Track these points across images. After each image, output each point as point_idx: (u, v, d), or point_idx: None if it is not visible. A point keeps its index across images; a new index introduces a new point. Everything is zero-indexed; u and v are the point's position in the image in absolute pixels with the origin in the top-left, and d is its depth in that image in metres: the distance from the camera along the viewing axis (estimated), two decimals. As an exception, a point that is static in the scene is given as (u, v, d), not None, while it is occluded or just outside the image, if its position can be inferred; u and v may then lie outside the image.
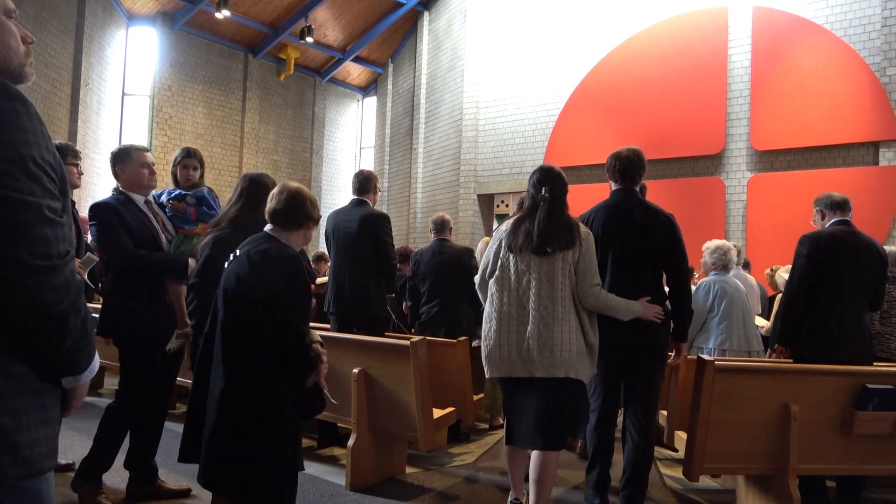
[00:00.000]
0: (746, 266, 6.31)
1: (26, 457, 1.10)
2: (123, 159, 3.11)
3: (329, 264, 4.48)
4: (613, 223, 3.11)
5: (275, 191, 2.35)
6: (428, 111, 12.65)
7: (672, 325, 3.15)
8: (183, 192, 3.42)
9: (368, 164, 15.87)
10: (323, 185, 15.44)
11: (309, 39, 12.74)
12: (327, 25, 13.50)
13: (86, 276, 3.49)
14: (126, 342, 3.03)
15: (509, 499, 3.07)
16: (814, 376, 3.01)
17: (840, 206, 3.56)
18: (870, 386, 2.94)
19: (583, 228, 2.90)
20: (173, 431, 4.52)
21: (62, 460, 3.51)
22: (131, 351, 3.02)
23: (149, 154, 3.19)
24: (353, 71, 15.64)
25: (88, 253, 3.66)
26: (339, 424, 4.03)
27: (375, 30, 13.59)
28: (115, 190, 3.16)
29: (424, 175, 12.57)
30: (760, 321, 5.26)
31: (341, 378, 3.51)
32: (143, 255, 2.98)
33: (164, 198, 3.37)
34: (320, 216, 2.48)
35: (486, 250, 4.45)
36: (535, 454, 2.82)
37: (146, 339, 3.00)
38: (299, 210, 2.32)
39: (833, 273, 3.38)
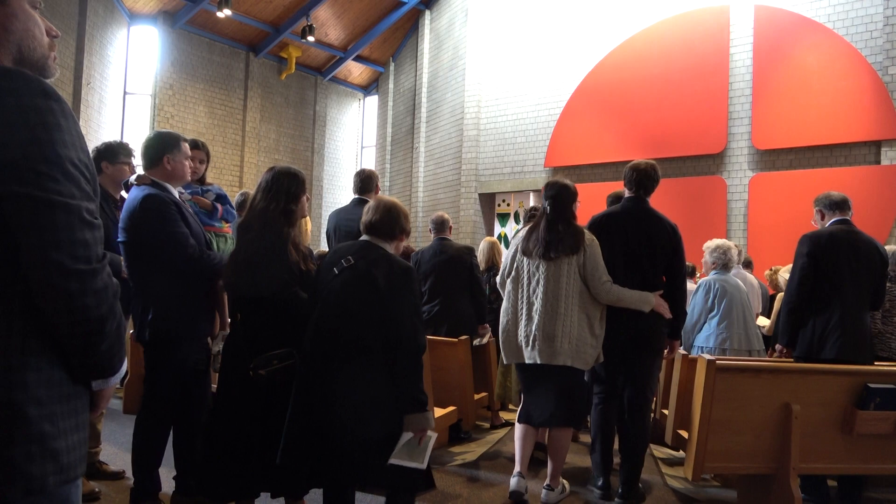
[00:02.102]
0: (749, 265, 6.30)
1: (64, 463, 1.10)
2: (173, 148, 2.82)
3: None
4: (622, 228, 3.37)
5: (371, 205, 2.51)
6: (429, 110, 12.65)
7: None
8: (203, 188, 3.33)
9: (370, 163, 15.88)
10: (324, 184, 15.45)
11: (310, 38, 12.74)
12: (328, 24, 13.51)
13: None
14: (176, 345, 2.78)
15: (514, 471, 3.28)
16: (815, 376, 3.02)
17: (839, 205, 3.56)
18: (871, 385, 2.94)
19: (587, 235, 3.24)
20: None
21: (113, 468, 3.42)
22: (176, 354, 2.79)
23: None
24: (355, 70, 15.64)
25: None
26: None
27: (377, 29, 13.58)
28: (149, 181, 2.78)
29: (426, 174, 12.57)
30: (762, 321, 5.26)
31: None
32: (212, 255, 2.81)
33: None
34: (410, 229, 2.64)
35: (487, 249, 4.72)
36: (550, 430, 3.29)
37: (198, 341, 2.86)
38: (395, 223, 2.48)
39: (833, 272, 3.39)
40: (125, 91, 12.49)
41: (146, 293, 2.78)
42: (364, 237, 2.49)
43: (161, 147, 2.81)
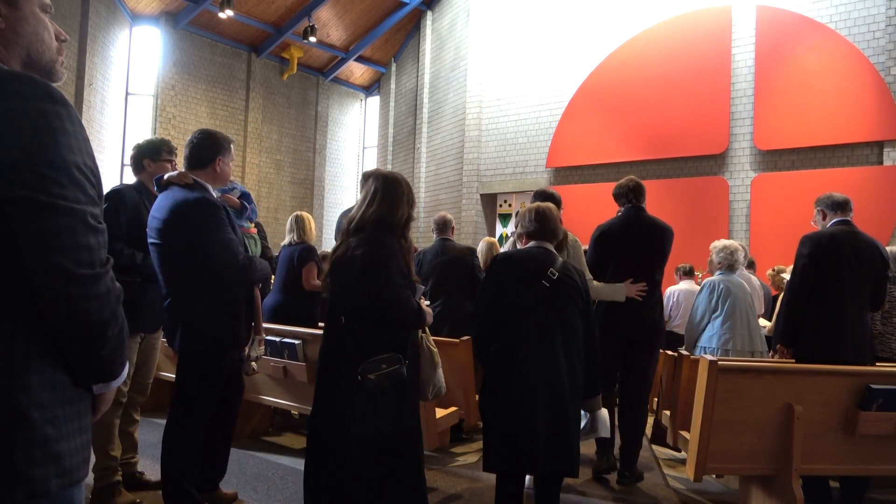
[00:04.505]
0: (751, 266, 6.30)
1: (67, 467, 1.10)
2: (225, 150, 2.77)
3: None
4: (628, 233, 3.79)
5: (529, 214, 2.83)
6: (431, 111, 12.65)
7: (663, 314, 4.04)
8: (230, 186, 3.18)
9: (371, 164, 15.89)
10: (326, 185, 15.46)
11: (312, 39, 12.76)
12: (330, 25, 13.52)
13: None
14: (218, 356, 2.74)
15: None
16: (817, 376, 3.01)
17: (841, 206, 3.56)
18: (873, 386, 2.93)
19: (570, 237, 3.59)
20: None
21: (151, 478, 3.35)
22: (218, 364, 2.75)
23: None
24: (356, 70, 15.65)
25: None
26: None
27: (378, 29, 13.59)
28: (191, 181, 2.68)
29: (427, 175, 12.57)
30: (763, 322, 5.25)
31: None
32: (256, 262, 2.74)
33: None
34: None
35: (486, 250, 4.82)
36: None
37: (238, 350, 2.82)
38: (557, 226, 2.86)
39: (834, 273, 3.38)
40: (127, 92, 12.51)
41: (185, 301, 2.68)
42: (532, 243, 2.80)
43: (215, 148, 2.73)
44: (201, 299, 2.66)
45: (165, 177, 2.76)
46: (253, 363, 3.05)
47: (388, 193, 2.52)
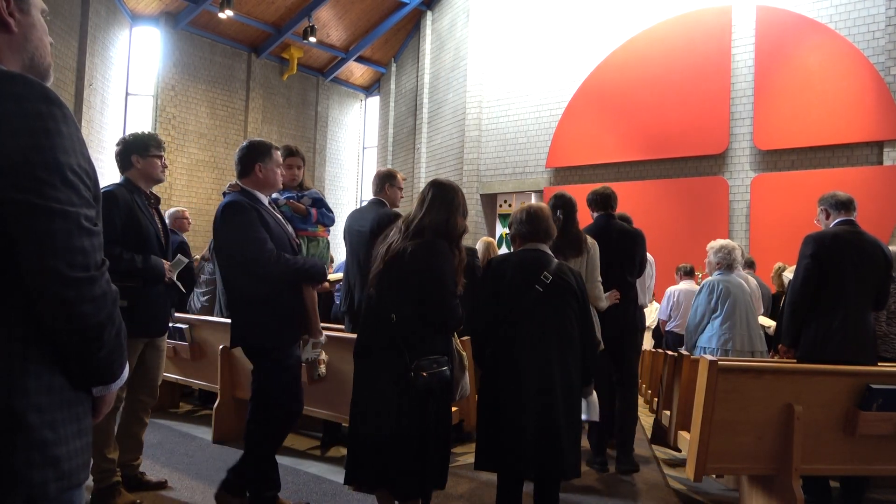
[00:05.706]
0: (751, 266, 6.29)
1: (66, 470, 1.09)
2: (265, 157, 2.82)
3: (335, 264, 4.48)
4: (601, 241, 3.91)
5: (519, 216, 2.82)
6: (431, 111, 12.65)
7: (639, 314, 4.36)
8: (300, 194, 3.30)
9: (371, 164, 15.90)
10: (326, 185, 15.46)
11: (312, 39, 12.76)
12: (330, 25, 13.52)
13: (175, 279, 3.16)
14: (265, 351, 2.78)
15: None
16: (817, 376, 3.01)
17: (845, 205, 3.54)
18: (874, 386, 2.93)
19: (589, 240, 3.74)
20: (177, 430, 4.54)
21: (153, 478, 3.35)
22: (267, 359, 2.78)
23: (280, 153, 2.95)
24: (356, 71, 15.65)
25: (179, 255, 3.24)
26: (343, 424, 4.03)
27: (378, 29, 13.60)
28: (236, 188, 2.82)
29: (427, 175, 12.57)
30: (766, 321, 5.25)
31: (348, 377, 3.50)
32: (290, 259, 2.76)
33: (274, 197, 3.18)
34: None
35: (483, 249, 4.89)
36: None
37: (284, 347, 2.81)
38: (550, 226, 2.84)
39: (837, 273, 3.38)
40: (127, 92, 12.52)
41: (235, 300, 2.83)
42: (529, 245, 2.79)
43: (253, 156, 2.82)
44: (238, 298, 2.81)
45: (224, 190, 2.91)
46: (322, 367, 2.99)
47: (445, 202, 2.61)
